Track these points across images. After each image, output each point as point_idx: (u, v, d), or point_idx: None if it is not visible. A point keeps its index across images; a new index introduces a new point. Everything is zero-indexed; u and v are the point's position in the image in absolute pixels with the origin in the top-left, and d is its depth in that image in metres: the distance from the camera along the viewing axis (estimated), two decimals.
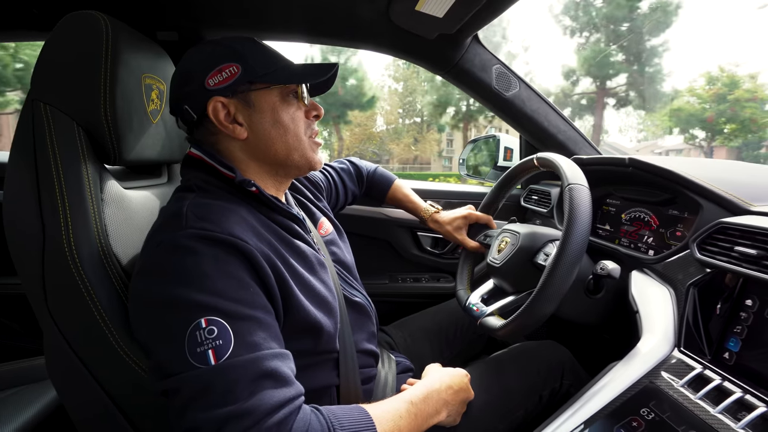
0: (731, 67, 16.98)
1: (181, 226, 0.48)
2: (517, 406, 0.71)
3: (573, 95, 15.24)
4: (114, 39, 0.57)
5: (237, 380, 0.41)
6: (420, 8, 0.78)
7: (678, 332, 0.59)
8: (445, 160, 30.68)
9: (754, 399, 0.46)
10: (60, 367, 0.56)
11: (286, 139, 0.60)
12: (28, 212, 0.52)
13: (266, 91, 0.58)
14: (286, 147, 0.60)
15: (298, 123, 0.61)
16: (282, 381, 0.44)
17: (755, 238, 0.53)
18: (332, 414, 0.46)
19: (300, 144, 0.61)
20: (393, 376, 0.74)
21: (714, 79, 16.32)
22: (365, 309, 0.74)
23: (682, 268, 0.65)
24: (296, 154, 0.61)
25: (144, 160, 0.67)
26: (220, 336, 0.42)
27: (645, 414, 0.50)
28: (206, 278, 0.45)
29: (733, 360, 0.53)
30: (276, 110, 0.59)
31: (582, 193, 0.64)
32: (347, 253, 0.79)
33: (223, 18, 0.91)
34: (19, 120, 0.56)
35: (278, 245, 0.56)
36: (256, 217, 0.57)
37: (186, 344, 0.42)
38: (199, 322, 0.43)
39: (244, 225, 0.52)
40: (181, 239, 0.47)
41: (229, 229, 0.49)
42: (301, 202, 0.78)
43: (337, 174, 0.97)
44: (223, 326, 0.43)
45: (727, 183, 0.65)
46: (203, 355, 0.42)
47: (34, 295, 0.53)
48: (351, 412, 0.48)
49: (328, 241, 0.75)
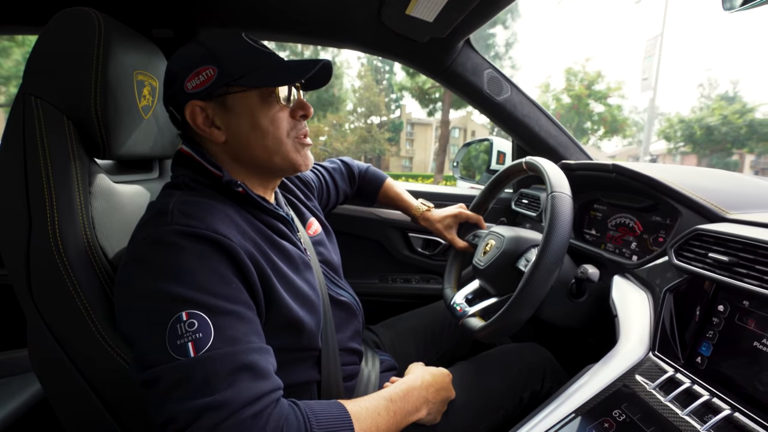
0: (582, 62, 17.79)
1: (167, 222, 0.49)
2: (497, 407, 0.72)
3: (428, 89, 15.18)
4: (106, 35, 0.58)
5: (215, 372, 0.42)
6: (410, 12, 0.79)
7: (653, 336, 0.60)
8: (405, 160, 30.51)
9: (721, 402, 0.47)
10: (43, 357, 0.57)
11: (265, 143, 0.59)
12: (15, 204, 0.53)
13: (243, 94, 0.57)
14: (266, 151, 0.59)
15: (279, 124, 0.59)
16: (260, 374, 0.45)
17: (728, 245, 0.54)
18: (310, 409, 0.47)
19: (281, 147, 0.60)
20: (376, 374, 0.75)
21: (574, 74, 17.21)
22: (351, 308, 0.75)
23: (660, 274, 0.66)
24: (277, 157, 0.60)
25: (135, 155, 0.68)
26: (200, 329, 0.43)
27: (617, 415, 0.51)
28: (189, 273, 0.46)
29: (704, 364, 0.54)
30: (254, 113, 0.58)
31: (563, 202, 0.65)
32: (334, 254, 0.80)
33: (217, 16, 0.92)
34: (10, 113, 0.56)
35: (263, 244, 0.57)
36: (242, 216, 0.57)
37: (167, 336, 0.43)
38: (180, 315, 0.43)
39: (229, 222, 0.53)
40: (165, 235, 0.48)
41: (213, 226, 0.50)
42: (291, 201, 0.79)
43: (329, 173, 0.98)
44: (203, 320, 0.44)
45: (705, 190, 0.66)
46: (183, 347, 0.42)
47: (19, 285, 0.54)
48: (329, 408, 0.49)
49: (316, 241, 0.76)
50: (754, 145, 16.43)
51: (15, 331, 1.00)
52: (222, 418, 0.40)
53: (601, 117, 16.82)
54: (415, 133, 34.43)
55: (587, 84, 17.00)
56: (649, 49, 13.32)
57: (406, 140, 31.95)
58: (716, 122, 17.33)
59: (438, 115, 18.32)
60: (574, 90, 16.92)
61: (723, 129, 17.01)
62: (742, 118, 16.28)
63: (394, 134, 27.09)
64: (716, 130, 17.29)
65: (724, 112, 17.24)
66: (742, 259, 0.51)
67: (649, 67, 13.25)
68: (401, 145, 31.61)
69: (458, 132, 36.30)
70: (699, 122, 18.47)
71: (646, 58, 13.56)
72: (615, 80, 18.39)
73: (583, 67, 17.73)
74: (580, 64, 17.92)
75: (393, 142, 27.26)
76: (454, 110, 16.65)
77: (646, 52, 13.54)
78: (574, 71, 17.57)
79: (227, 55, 0.56)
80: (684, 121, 19.84)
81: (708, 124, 17.78)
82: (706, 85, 22.51)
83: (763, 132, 16.00)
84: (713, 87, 22.25)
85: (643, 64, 13.70)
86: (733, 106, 17.51)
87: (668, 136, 19.90)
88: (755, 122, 16.04)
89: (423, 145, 33.60)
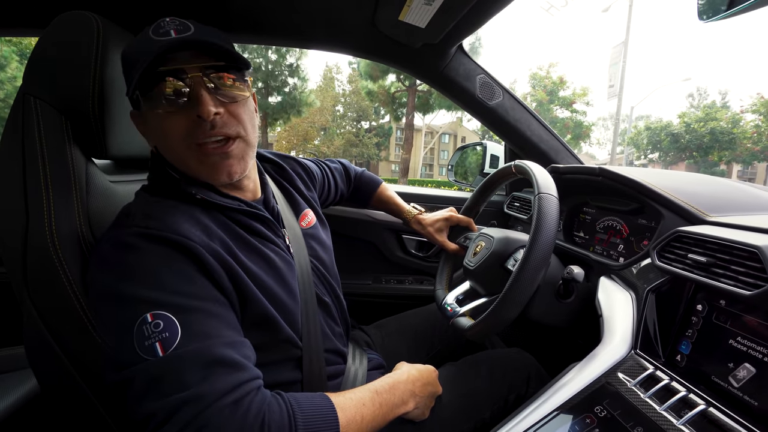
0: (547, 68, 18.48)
1: (127, 224, 0.50)
2: (483, 407, 0.73)
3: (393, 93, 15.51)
4: (105, 38, 0.59)
5: (187, 368, 0.42)
6: (403, 18, 0.81)
7: (636, 335, 0.61)
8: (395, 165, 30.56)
9: (697, 398, 0.49)
10: (39, 354, 0.58)
11: (168, 154, 0.56)
12: (13, 201, 0.54)
13: (143, 101, 0.53)
14: (175, 161, 0.56)
15: (172, 130, 0.53)
16: (235, 366, 0.45)
17: (706, 246, 0.56)
18: (293, 398, 0.48)
19: (178, 156, 0.55)
20: (363, 371, 0.75)
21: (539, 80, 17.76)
22: (338, 306, 0.76)
23: (644, 275, 0.67)
24: (183, 166, 0.56)
25: (132, 155, 0.69)
26: (167, 329, 0.43)
27: (598, 411, 0.53)
28: (149, 275, 0.46)
29: (684, 362, 0.55)
30: (150, 121, 0.54)
31: (550, 203, 0.66)
32: (327, 248, 0.80)
33: (211, 21, 0.94)
34: (10, 113, 0.58)
35: (232, 243, 0.55)
36: (209, 215, 0.56)
37: (134, 338, 0.43)
38: (144, 317, 0.44)
39: (191, 223, 0.53)
40: (124, 236, 0.48)
41: (173, 227, 0.50)
42: (286, 189, 0.78)
43: (330, 171, 1.00)
44: (169, 319, 0.44)
45: (687, 194, 0.68)
46: (151, 348, 0.43)
47: (16, 282, 0.55)
48: (313, 398, 0.49)
49: (308, 234, 0.75)
50: (716, 153, 16.85)
51: (13, 327, 1.01)
52: (199, 410, 0.40)
53: (563, 123, 17.10)
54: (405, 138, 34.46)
55: (548, 90, 17.29)
56: (615, 56, 13.47)
57: (396, 145, 31.99)
58: (680, 130, 17.69)
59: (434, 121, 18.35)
60: (535, 96, 17.24)
61: (687, 137, 17.43)
62: (705, 126, 16.65)
63: (383, 139, 27.18)
64: (681, 138, 17.69)
65: (688, 119, 17.62)
66: (719, 260, 0.53)
67: (615, 74, 13.38)
68: (390, 150, 31.65)
69: (448, 137, 36.34)
70: (664, 130, 18.85)
71: (611, 65, 13.71)
72: (581, 86, 18.74)
73: (547, 72, 18.10)
74: (545, 69, 18.26)
75: (382, 146, 27.35)
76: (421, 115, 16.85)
77: (612, 60, 13.70)
78: (539, 76, 17.85)
79: (126, 61, 0.55)
80: (650, 129, 20.28)
81: (672, 131, 18.13)
82: (696, 95, 22.87)
83: (724, 141, 16.40)
84: (703, 97, 22.63)
85: (609, 71, 13.87)
86: (697, 114, 17.97)
87: (636, 143, 20.32)
88: (716, 130, 16.50)
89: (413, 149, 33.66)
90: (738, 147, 16.28)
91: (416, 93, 15.60)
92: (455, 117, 20.09)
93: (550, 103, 17.24)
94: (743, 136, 16.04)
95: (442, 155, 37.37)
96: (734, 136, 16.13)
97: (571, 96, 17.68)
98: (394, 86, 15.51)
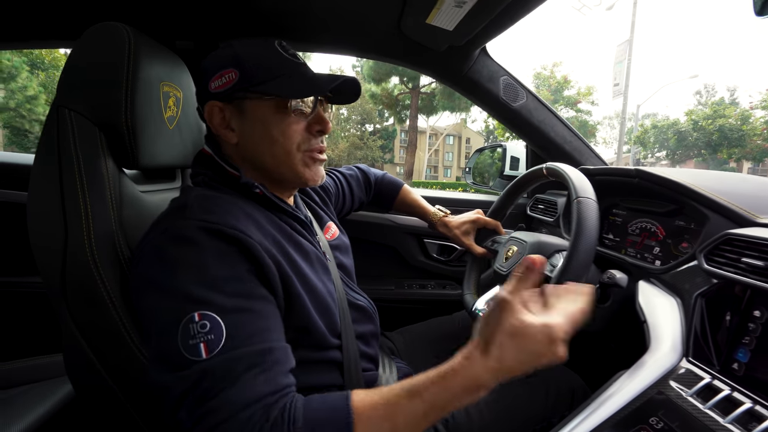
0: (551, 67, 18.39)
1: (185, 216, 0.49)
2: (524, 430, 0.70)
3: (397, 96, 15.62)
4: (136, 49, 0.59)
5: (223, 375, 0.42)
6: (431, 21, 0.80)
7: (686, 342, 0.59)
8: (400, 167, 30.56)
9: (764, 410, 0.46)
10: (76, 363, 0.57)
11: (274, 152, 0.59)
12: (52, 214, 0.54)
13: (260, 101, 0.58)
14: (274, 160, 0.59)
15: (290, 137, 0.59)
16: (272, 373, 0.44)
17: (762, 249, 0.54)
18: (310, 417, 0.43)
19: (289, 158, 0.59)
20: (394, 381, 0.74)
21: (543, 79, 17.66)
22: (368, 311, 0.74)
23: (689, 279, 0.65)
24: (284, 167, 0.60)
25: (160, 165, 0.69)
26: (212, 330, 0.43)
27: (654, 423, 0.51)
28: (203, 271, 0.46)
29: (742, 371, 0.53)
30: (267, 121, 0.58)
31: (590, 207, 0.65)
32: (350, 258, 0.80)
33: (236, 27, 0.94)
34: (45, 125, 0.58)
35: (283, 242, 0.56)
36: (262, 214, 0.58)
37: (179, 336, 0.43)
38: (192, 315, 0.43)
39: (248, 220, 0.53)
40: (183, 229, 0.47)
41: (232, 223, 0.49)
42: (309, 205, 0.79)
43: (345, 180, 0.99)
44: (216, 321, 0.43)
45: (733, 195, 0.66)
46: (195, 348, 0.42)
47: (54, 292, 0.55)
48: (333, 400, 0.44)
49: (334, 245, 0.76)
50: (725, 150, 16.59)
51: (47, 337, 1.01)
52: (221, 419, 0.40)
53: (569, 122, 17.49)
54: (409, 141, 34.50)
55: (552, 89, 17.21)
56: (620, 54, 13.36)
57: (400, 147, 32.01)
58: (688, 128, 17.42)
59: (438, 122, 18.34)
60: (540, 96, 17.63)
61: (695, 134, 17.13)
62: (713, 123, 16.40)
63: (387, 141, 27.23)
64: (689, 136, 17.42)
65: (695, 117, 17.38)
66: None
67: (620, 72, 13.27)
68: (395, 152, 31.67)
69: (453, 139, 36.24)
70: (672, 128, 18.59)
71: (616, 63, 13.60)
72: (585, 86, 18.66)
73: (551, 72, 18.01)
74: (549, 69, 18.19)
75: (386, 149, 27.39)
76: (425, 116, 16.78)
77: (617, 58, 13.58)
78: (543, 76, 17.76)
79: (251, 61, 0.57)
80: (657, 127, 20.04)
81: (680, 129, 17.87)
82: (704, 93, 22.61)
83: (733, 138, 16.13)
84: (711, 94, 22.37)
85: (614, 69, 13.76)
86: (705, 111, 17.72)
87: (643, 142, 20.12)
88: (725, 127, 16.21)
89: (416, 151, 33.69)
90: (748, 144, 16.03)
91: (419, 95, 15.61)
92: (459, 118, 20.10)
93: (555, 102, 17.23)
94: (753, 132, 15.81)
95: (446, 157, 37.34)
96: (744, 132, 15.85)
97: (576, 95, 17.60)
98: (398, 89, 15.55)
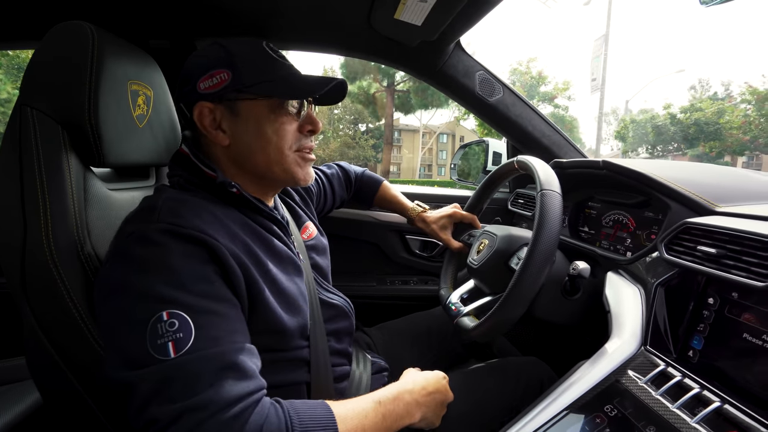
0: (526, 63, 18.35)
1: (153, 219, 0.49)
2: (494, 420, 0.71)
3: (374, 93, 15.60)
4: (100, 47, 0.59)
5: (196, 373, 0.42)
6: (399, 17, 0.80)
7: (645, 331, 0.60)
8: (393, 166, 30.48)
9: (711, 395, 0.47)
10: (39, 363, 0.58)
11: (267, 152, 0.60)
12: (12, 211, 0.54)
13: (253, 102, 0.58)
14: (267, 159, 0.60)
15: (283, 136, 0.60)
16: (243, 374, 0.44)
17: (716, 237, 0.54)
18: (293, 408, 0.47)
19: (282, 158, 0.60)
20: (368, 375, 0.74)
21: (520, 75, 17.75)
22: (342, 309, 0.75)
23: (652, 269, 0.66)
24: (277, 167, 0.61)
25: (130, 163, 0.69)
26: (181, 329, 0.43)
27: (608, 410, 0.51)
28: (171, 271, 0.46)
29: (696, 358, 0.54)
30: (260, 122, 0.58)
31: (553, 199, 0.65)
32: (326, 259, 0.81)
33: (211, 26, 0.94)
34: (8, 124, 0.58)
35: (253, 245, 0.57)
36: (234, 217, 0.58)
37: (147, 335, 0.43)
38: (161, 314, 0.43)
39: (217, 224, 0.53)
40: (150, 232, 0.48)
41: (200, 226, 0.50)
42: (288, 204, 0.79)
43: (327, 179, 0.99)
44: (184, 320, 0.43)
45: (694, 184, 0.66)
46: (163, 347, 0.42)
47: (15, 290, 0.55)
48: (313, 408, 0.48)
49: (310, 245, 0.77)
50: (703, 144, 16.55)
51: (14, 338, 1.01)
52: (201, 419, 0.40)
53: None
54: (402, 140, 34.48)
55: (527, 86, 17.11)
56: (597, 49, 13.29)
57: (393, 146, 31.98)
58: (665, 121, 17.34)
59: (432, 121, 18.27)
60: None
61: (672, 128, 17.10)
62: (689, 117, 16.32)
63: (380, 141, 27.18)
64: (667, 130, 17.37)
65: (673, 110, 17.29)
66: (730, 251, 0.51)
67: (597, 67, 13.20)
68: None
69: (446, 137, 36.18)
70: (650, 122, 18.49)
71: (594, 58, 13.54)
72: (563, 81, 18.55)
73: (527, 68, 17.91)
74: (525, 65, 18.10)
75: (379, 149, 27.36)
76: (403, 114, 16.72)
77: (594, 53, 13.51)
78: (519, 72, 17.61)
79: (243, 62, 0.57)
80: (635, 122, 19.93)
81: (657, 123, 17.78)
82: (698, 87, 22.51)
83: (709, 131, 16.05)
84: (705, 89, 22.26)
85: (591, 65, 13.70)
86: (682, 105, 17.69)
87: (623, 136, 20.08)
88: (701, 121, 16.15)
89: (410, 151, 33.67)
90: (727, 137, 15.93)
91: (395, 93, 15.57)
92: (453, 116, 20.07)
93: (530, 98, 17.21)
94: (730, 125, 15.68)
95: (440, 155, 37.25)
96: (719, 126, 15.74)
97: (553, 91, 17.47)
98: (374, 87, 15.52)
